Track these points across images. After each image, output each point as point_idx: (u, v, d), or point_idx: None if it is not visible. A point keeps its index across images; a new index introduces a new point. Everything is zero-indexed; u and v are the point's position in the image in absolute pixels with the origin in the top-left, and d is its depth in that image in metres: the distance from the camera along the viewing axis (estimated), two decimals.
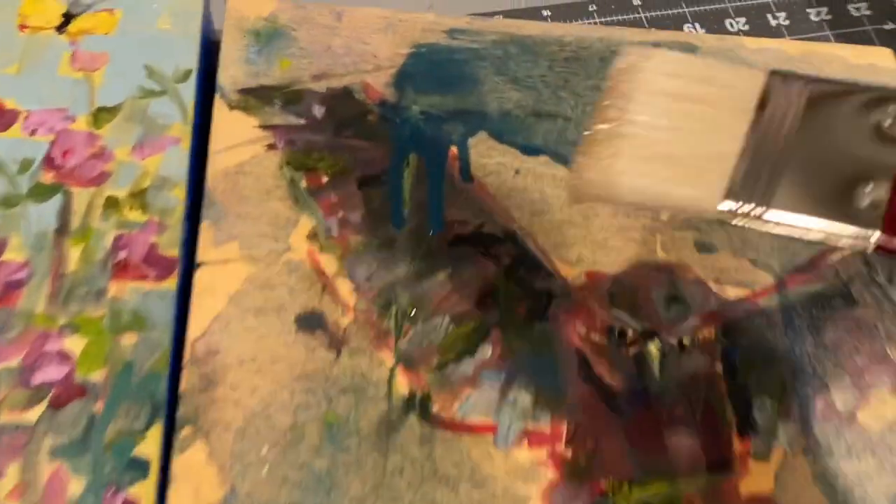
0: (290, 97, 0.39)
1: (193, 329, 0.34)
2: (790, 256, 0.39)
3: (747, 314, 0.38)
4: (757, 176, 0.27)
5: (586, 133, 0.30)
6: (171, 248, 0.35)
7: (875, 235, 0.26)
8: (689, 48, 0.43)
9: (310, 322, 0.34)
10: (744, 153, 0.28)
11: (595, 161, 0.29)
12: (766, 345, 0.37)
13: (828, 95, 0.28)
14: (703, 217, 0.32)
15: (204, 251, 0.35)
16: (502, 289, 0.36)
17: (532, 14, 0.50)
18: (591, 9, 0.51)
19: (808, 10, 0.53)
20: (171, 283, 0.34)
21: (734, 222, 0.28)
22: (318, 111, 0.39)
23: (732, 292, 0.38)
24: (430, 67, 0.41)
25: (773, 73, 0.29)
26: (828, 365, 0.37)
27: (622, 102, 0.29)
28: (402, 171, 0.38)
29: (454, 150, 0.39)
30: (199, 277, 0.35)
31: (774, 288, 0.38)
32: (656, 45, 0.43)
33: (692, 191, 0.28)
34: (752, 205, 0.27)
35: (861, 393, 0.37)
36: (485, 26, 0.42)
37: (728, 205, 0.28)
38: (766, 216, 0.27)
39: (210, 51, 0.40)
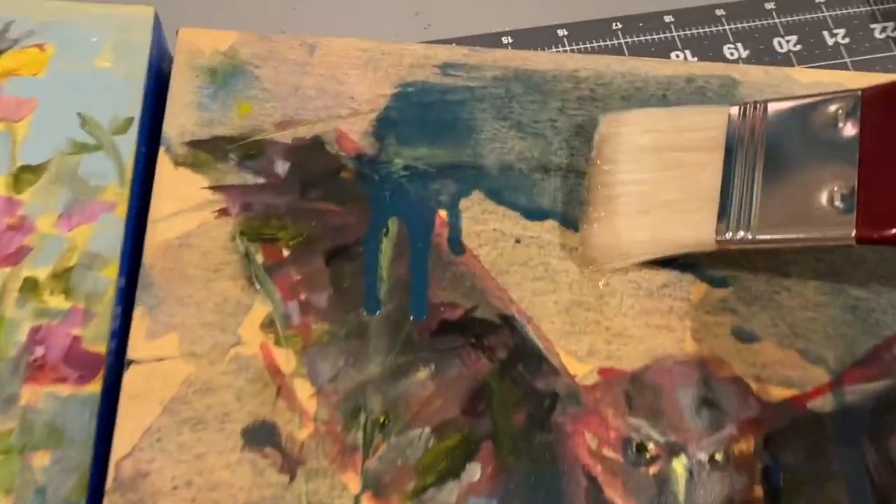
0: (249, 150, 0.33)
1: (119, 446, 0.28)
2: (847, 346, 0.32)
3: (794, 422, 0.31)
4: (739, 203, 0.30)
5: (584, 202, 0.33)
6: (97, 342, 0.29)
7: (852, 230, 0.29)
8: (729, 83, 0.37)
9: (259, 436, 0.29)
10: (723, 185, 0.31)
11: (600, 224, 0.32)
12: (816, 460, 0.31)
13: (786, 113, 0.31)
14: (703, 250, 0.31)
15: (135, 346, 0.29)
16: (496, 390, 0.31)
17: (491, 41, 0.43)
18: (560, 34, 0.44)
19: (872, 26, 0.46)
20: (96, 388, 0.28)
21: (733, 248, 0.30)
22: (282, 167, 0.33)
23: (777, 393, 0.32)
24: (417, 112, 0.35)
25: (732, 110, 0.32)
26: (894, 485, 0.31)
27: (609, 166, 0.32)
28: (379, 241, 0.32)
29: (443, 214, 0.33)
30: (129, 380, 0.29)
31: (828, 387, 0.32)
32: (691, 79, 0.37)
33: (688, 231, 0.31)
34: (742, 230, 0.30)
35: None
36: (485, 59, 0.36)
37: (723, 237, 0.30)
38: (757, 236, 0.30)
39: (161, 93, 0.35)
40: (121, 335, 0.30)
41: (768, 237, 0.30)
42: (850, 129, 0.30)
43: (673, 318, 0.32)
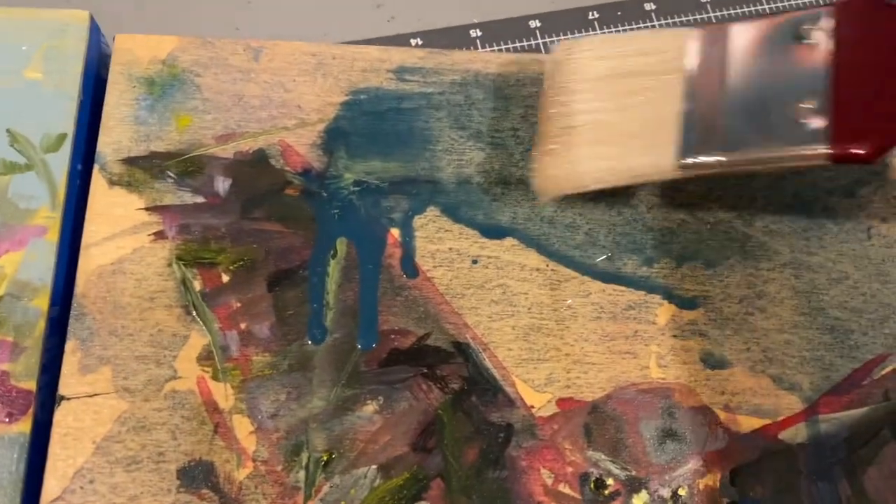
0: (188, 167, 0.31)
1: (49, 488, 0.27)
2: (824, 371, 0.31)
3: (764, 454, 0.30)
4: (704, 125, 0.29)
5: (539, 132, 0.31)
6: (26, 378, 0.28)
7: (825, 148, 0.28)
8: None
9: (196, 476, 0.28)
10: (686, 109, 0.29)
11: (554, 156, 0.30)
12: (786, 495, 0.29)
13: (751, 32, 0.30)
14: (665, 177, 0.30)
15: (67, 382, 0.28)
16: (448, 424, 0.29)
17: (459, 34, 0.41)
18: (532, 25, 0.41)
19: None
20: (25, 427, 0.27)
21: (694, 174, 0.29)
22: (222, 185, 0.31)
23: (747, 423, 0.30)
24: (369, 121, 0.33)
25: (691, 30, 0.30)
26: None
27: (563, 96, 0.30)
28: (326, 264, 0.31)
29: (395, 233, 0.31)
30: (60, 417, 0.28)
31: (802, 415, 0.30)
32: None
33: (649, 157, 0.30)
34: (707, 154, 0.29)
35: None
36: (443, 62, 0.34)
37: (685, 160, 0.29)
38: (722, 160, 0.29)
39: (100, 105, 0.32)
40: (53, 369, 0.29)
41: (734, 157, 0.28)
42: (821, 43, 0.28)
43: (637, 343, 0.31)
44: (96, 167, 0.31)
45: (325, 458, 0.28)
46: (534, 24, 0.41)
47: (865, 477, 0.30)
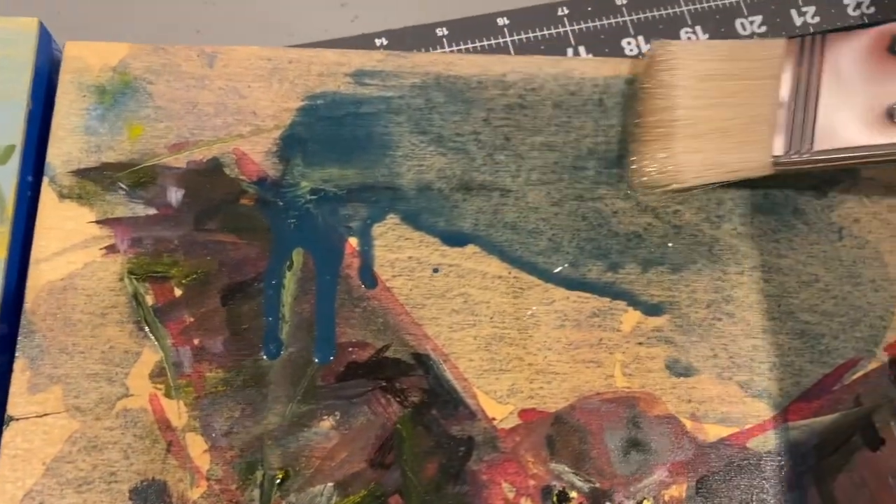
0: (140, 177, 0.31)
1: None
2: (794, 377, 0.30)
3: (731, 463, 0.29)
4: (797, 126, 0.30)
5: (637, 127, 0.32)
6: None
7: None
8: None
9: (148, 496, 0.27)
10: (781, 111, 0.31)
11: (653, 151, 0.31)
12: None
13: (846, 40, 0.31)
14: (758, 174, 0.31)
15: (16, 402, 0.28)
16: (407, 438, 0.29)
17: (425, 32, 0.40)
18: (500, 23, 0.40)
19: (845, 2, 0.43)
20: None
21: (785, 170, 0.31)
22: (175, 196, 0.31)
23: (714, 432, 0.30)
24: (327, 127, 0.32)
25: (790, 42, 0.32)
26: None
27: (665, 91, 0.31)
28: (282, 276, 0.30)
29: (353, 242, 0.31)
30: (9, 439, 0.27)
31: (771, 423, 0.30)
32: (632, 80, 0.33)
33: (744, 154, 0.31)
34: (799, 148, 0.30)
35: None
36: (403, 65, 0.33)
37: (778, 157, 0.30)
38: (815, 151, 0.30)
39: (51, 115, 0.32)
40: (1, 388, 0.28)
41: (827, 149, 0.30)
42: None
43: (602, 351, 0.30)
44: (46, 180, 0.30)
45: (280, 476, 0.28)
46: (501, 21, 0.40)
47: (835, 485, 0.29)
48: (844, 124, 0.30)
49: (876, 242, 0.32)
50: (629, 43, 0.41)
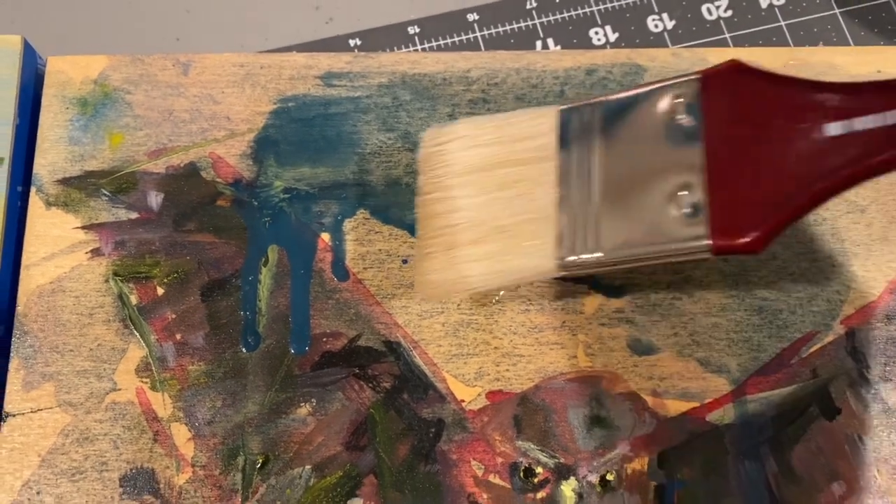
0: (122, 183, 0.33)
1: None
2: (752, 351, 0.32)
3: (692, 436, 0.31)
4: (581, 219, 0.28)
5: (418, 232, 0.30)
6: None
7: (706, 241, 0.26)
8: (633, 70, 0.35)
9: (137, 483, 0.29)
10: (562, 201, 0.28)
11: (433, 259, 0.29)
12: (714, 475, 0.31)
13: (621, 111, 0.28)
14: (547, 277, 0.30)
15: (12, 399, 0.30)
16: (380, 422, 0.31)
17: (398, 31, 0.42)
18: (470, 19, 0.42)
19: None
20: None
21: (576, 273, 0.29)
22: (155, 199, 0.33)
23: (675, 407, 0.31)
24: (298, 128, 0.34)
25: (563, 110, 0.29)
26: (795, 497, 0.30)
27: (437, 192, 0.30)
28: (258, 272, 0.32)
29: (325, 238, 0.33)
30: (6, 434, 0.30)
31: (730, 397, 0.32)
32: (592, 70, 0.35)
33: (527, 259, 0.29)
34: (586, 252, 0.28)
35: None
36: (370, 65, 0.35)
37: (566, 260, 0.28)
38: (601, 257, 0.28)
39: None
40: (1, 387, 0.31)
41: (616, 256, 0.27)
42: (691, 121, 0.27)
43: (565, 333, 0.32)
44: (33, 189, 0.33)
45: (260, 461, 0.30)
46: (472, 17, 0.42)
47: (793, 454, 0.31)
48: (629, 219, 0.27)
49: (832, 219, 0.34)
50: (597, 33, 0.42)
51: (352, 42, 0.42)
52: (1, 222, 0.32)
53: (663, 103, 0.27)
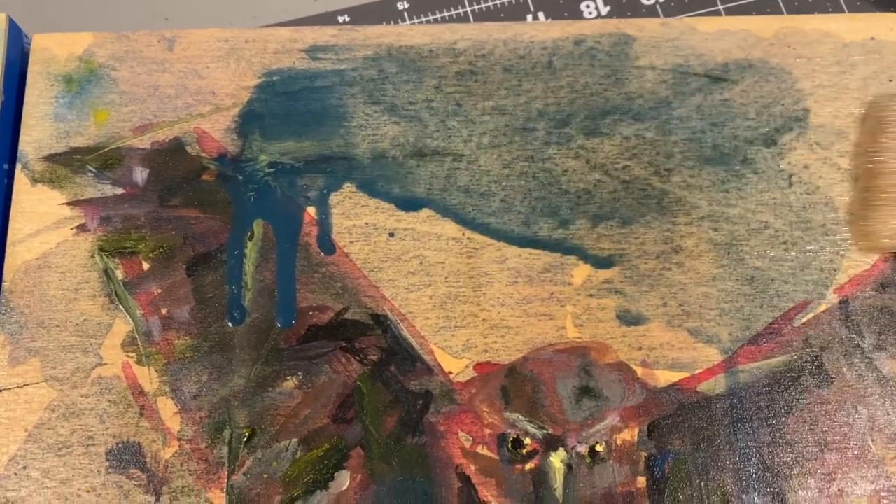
0: (107, 159, 0.33)
1: None
2: (743, 321, 0.32)
3: (682, 407, 0.31)
4: None
5: (865, 191, 0.33)
6: None
7: None
8: (622, 41, 0.35)
9: (124, 457, 0.30)
10: None
11: (884, 215, 0.32)
12: (704, 446, 0.31)
13: None
14: None
15: None
16: (367, 394, 0.31)
17: (388, 6, 0.42)
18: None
19: None
20: None
21: None
22: (140, 175, 0.33)
23: (665, 377, 0.31)
24: (283, 102, 0.34)
25: None
26: (787, 466, 0.30)
27: (890, 153, 0.32)
28: (244, 246, 0.32)
29: (311, 211, 0.33)
30: None
31: (721, 367, 0.32)
32: (580, 40, 0.35)
33: None
34: None
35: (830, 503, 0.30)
36: (355, 38, 0.35)
37: None
38: None
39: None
40: None
41: None
42: None
43: (553, 304, 0.32)
44: (19, 166, 0.33)
45: (247, 434, 0.30)
46: None
47: (785, 424, 0.31)
48: None
49: (826, 188, 0.34)
50: (588, 6, 0.42)
51: (340, 19, 0.42)
52: None
53: None
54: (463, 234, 0.33)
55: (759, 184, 0.33)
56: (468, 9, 0.42)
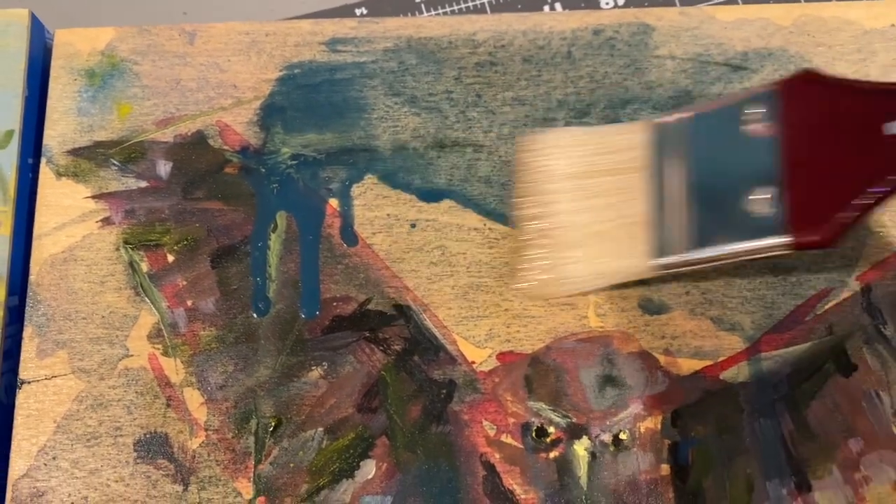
0: (131, 153, 0.34)
1: (16, 467, 0.30)
2: (766, 309, 0.32)
3: (705, 394, 0.31)
4: (670, 223, 0.30)
5: (518, 237, 0.32)
6: None
7: (786, 238, 0.28)
8: (641, 31, 0.35)
9: (151, 448, 0.30)
10: (652, 208, 0.31)
11: (533, 261, 0.31)
12: (728, 433, 0.31)
13: (706, 122, 0.31)
14: (641, 277, 0.31)
15: (27, 366, 0.31)
16: (391, 384, 0.31)
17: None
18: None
19: None
20: None
21: (670, 272, 0.31)
22: (164, 168, 0.33)
23: (687, 366, 0.31)
24: (304, 95, 0.34)
25: (655, 124, 0.31)
26: (811, 454, 0.31)
27: (537, 198, 0.32)
28: (267, 238, 0.33)
29: (334, 203, 0.33)
30: (22, 400, 0.30)
31: (744, 354, 0.32)
32: (599, 30, 0.35)
33: (623, 261, 0.31)
34: (676, 253, 0.30)
35: (854, 491, 0.30)
36: (375, 30, 0.35)
37: (658, 261, 0.30)
38: (690, 258, 0.30)
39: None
40: (14, 355, 0.31)
41: (704, 255, 0.29)
42: (767, 127, 0.29)
43: (577, 294, 0.32)
44: (43, 160, 0.33)
45: (273, 424, 0.30)
46: None
47: (808, 411, 0.31)
48: (713, 220, 0.29)
49: None
50: None
51: (358, 11, 0.42)
52: (13, 193, 0.33)
53: (744, 113, 0.30)
54: (484, 225, 0.33)
55: None
56: (485, 0, 0.42)
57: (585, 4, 0.41)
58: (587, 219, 0.31)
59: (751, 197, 0.29)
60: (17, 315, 0.32)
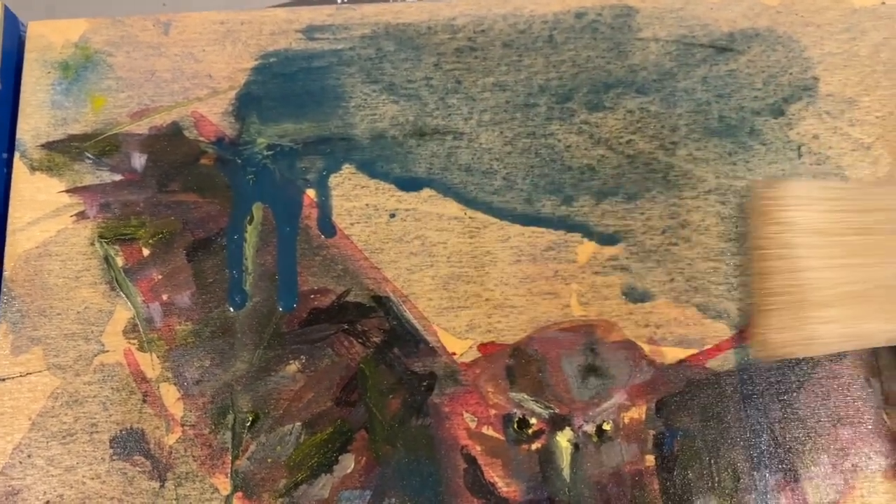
0: (105, 146, 0.33)
1: None
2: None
3: (691, 384, 0.31)
4: None
5: (757, 290, 0.30)
6: None
7: None
8: (624, 13, 0.35)
9: (128, 444, 0.30)
10: None
11: (779, 316, 0.29)
12: (714, 423, 0.30)
13: None
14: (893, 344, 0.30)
15: (1, 364, 0.30)
16: (370, 377, 0.31)
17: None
18: None
19: None
20: None
21: None
22: (139, 161, 0.33)
23: (672, 354, 0.31)
24: (280, 84, 0.34)
25: None
26: (799, 442, 0.30)
27: (784, 250, 0.30)
28: (243, 230, 0.32)
29: (311, 194, 0.33)
30: None
31: (731, 342, 0.31)
32: (581, 13, 0.35)
33: (882, 325, 0.29)
34: None
35: (844, 480, 0.30)
36: (352, 17, 0.35)
37: None
38: None
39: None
40: None
41: None
42: None
43: (558, 282, 0.32)
44: (17, 154, 0.33)
45: (250, 419, 0.30)
46: None
47: (797, 399, 0.30)
48: None
49: (836, 158, 0.33)
50: None
51: (339, 0, 0.42)
52: None
53: None
54: (465, 214, 0.32)
55: (767, 155, 0.33)
56: None
57: None
58: (840, 278, 0.29)
59: None
60: None
